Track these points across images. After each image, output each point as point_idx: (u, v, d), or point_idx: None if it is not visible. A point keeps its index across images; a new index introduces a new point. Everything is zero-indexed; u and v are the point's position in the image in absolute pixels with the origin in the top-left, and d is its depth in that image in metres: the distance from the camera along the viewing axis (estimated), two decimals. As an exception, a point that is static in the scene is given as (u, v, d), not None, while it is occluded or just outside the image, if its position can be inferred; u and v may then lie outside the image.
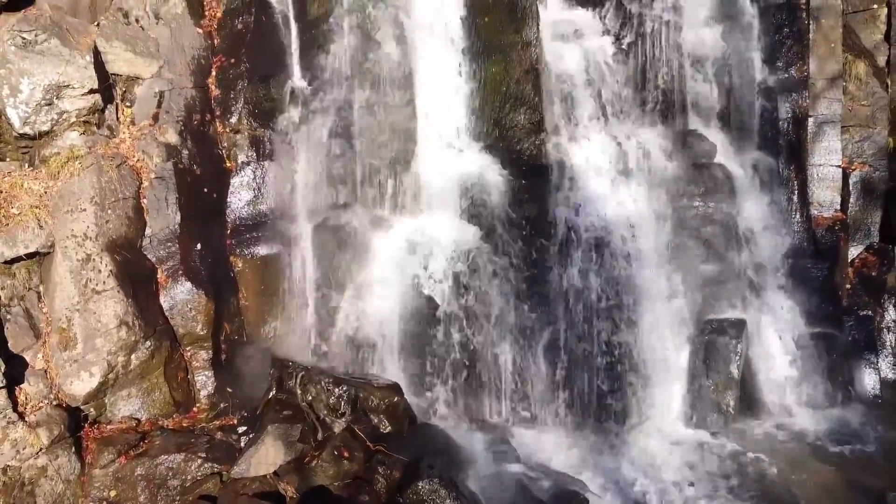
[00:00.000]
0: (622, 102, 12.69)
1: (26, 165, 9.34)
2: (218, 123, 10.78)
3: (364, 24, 11.76)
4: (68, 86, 9.32)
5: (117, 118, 10.06)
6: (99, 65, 9.82)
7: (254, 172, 10.83)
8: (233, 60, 11.05)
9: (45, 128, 9.30)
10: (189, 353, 9.67)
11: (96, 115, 9.71)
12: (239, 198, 10.71)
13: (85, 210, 9.03)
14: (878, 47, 13.64)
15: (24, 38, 9.07)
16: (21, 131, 9.16)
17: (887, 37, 13.64)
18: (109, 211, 9.22)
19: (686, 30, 13.25)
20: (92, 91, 9.53)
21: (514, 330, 11.16)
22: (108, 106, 9.97)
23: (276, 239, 10.74)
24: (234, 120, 10.86)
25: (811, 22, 13.39)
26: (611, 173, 12.16)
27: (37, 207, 8.86)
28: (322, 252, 11.00)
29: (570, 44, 12.74)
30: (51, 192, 9.02)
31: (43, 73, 9.18)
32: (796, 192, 13.14)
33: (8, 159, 9.28)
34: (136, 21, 10.61)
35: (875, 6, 13.60)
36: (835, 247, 13.07)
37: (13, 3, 9.29)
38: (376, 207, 11.45)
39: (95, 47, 9.97)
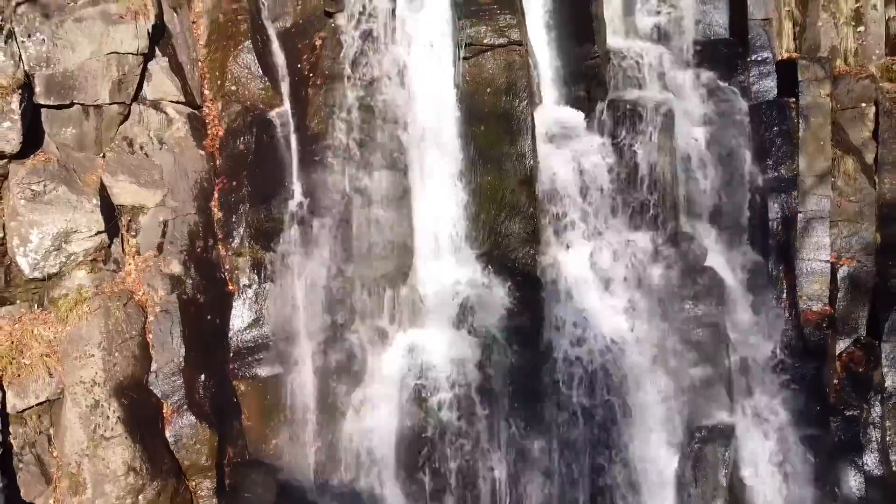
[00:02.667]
0: (614, 207, 12.97)
1: (36, 306, 9.69)
2: (220, 247, 11.11)
3: (363, 140, 11.94)
4: (76, 231, 9.69)
5: (123, 250, 10.40)
6: (105, 200, 10.16)
7: (255, 295, 11.16)
8: (234, 183, 11.37)
9: (53, 270, 9.65)
10: (194, 484, 10.05)
11: (103, 251, 10.08)
12: (241, 321, 11.05)
13: (93, 356, 9.39)
14: (866, 145, 13.97)
15: (33, 191, 9.41)
16: (31, 276, 9.53)
17: (875, 135, 13.94)
18: (117, 353, 9.57)
19: (678, 129, 13.47)
20: (99, 232, 9.80)
21: (508, 444, 11.48)
22: (114, 239, 10.28)
23: (278, 360, 11.08)
24: (236, 243, 11.19)
25: (801, 121, 13.72)
26: (603, 282, 12.43)
27: (47, 356, 9.21)
28: (322, 371, 11.34)
29: (563, 149, 12.98)
30: (60, 337, 9.37)
31: (52, 222, 9.52)
32: (785, 291, 13.48)
33: (18, 301, 9.60)
34: (141, 148, 10.92)
35: (863, 105, 13.92)
36: (823, 344, 13.42)
37: (23, 151, 9.54)
38: (375, 323, 11.72)
39: (102, 183, 10.27)
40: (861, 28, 14.49)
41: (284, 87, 12.44)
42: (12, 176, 9.45)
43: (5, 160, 9.48)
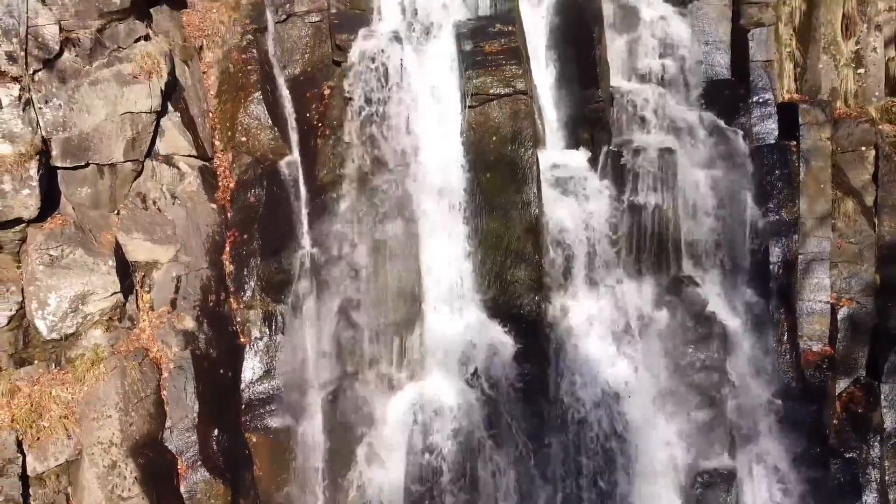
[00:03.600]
0: (618, 253, 13.20)
1: (53, 365, 9.94)
2: (232, 300, 11.35)
3: (371, 189, 12.19)
4: (92, 293, 9.93)
5: (137, 306, 10.64)
6: (120, 259, 10.40)
7: (266, 347, 11.41)
8: (245, 236, 11.60)
9: (70, 331, 9.89)
10: (208, 536, 10.30)
11: (118, 309, 10.32)
12: (252, 373, 11.31)
13: (110, 416, 9.65)
14: (866, 187, 14.20)
15: (51, 256, 9.65)
16: (49, 338, 9.78)
17: (875, 178, 14.16)
18: (133, 413, 9.82)
19: (681, 173, 13.70)
20: (114, 293, 10.05)
21: (515, 490, 11.74)
22: (129, 296, 10.52)
23: (288, 411, 11.35)
24: (247, 296, 11.43)
25: (801, 164, 13.94)
26: (607, 329, 12.67)
27: (65, 417, 9.46)
28: (331, 420, 11.59)
29: (567, 195, 13.20)
30: (77, 398, 9.62)
31: (69, 286, 9.77)
32: (786, 334, 13.70)
33: (36, 361, 9.85)
34: (154, 203, 11.16)
35: (863, 148, 14.15)
36: (823, 386, 13.68)
37: (41, 213, 9.79)
38: (383, 371, 11.96)
39: (116, 241, 10.51)
40: (861, 70, 14.71)
41: (293, 136, 12.65)
42: (31, 241, 9.67)
43: (24, 224, 9.63)
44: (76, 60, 10.01)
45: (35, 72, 9.66)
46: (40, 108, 9.68)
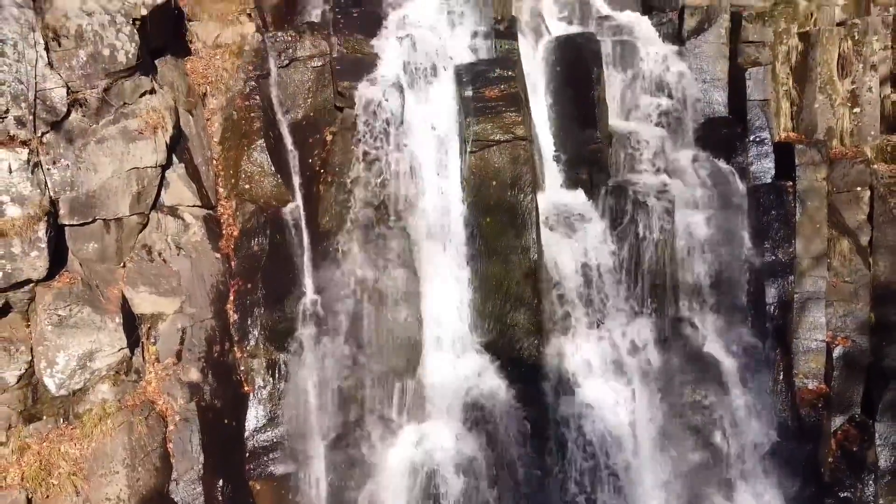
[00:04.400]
0: (617, 294, 13.42)
1: (61, 420, 10.16)
2: (236, 349, 11.57)
3: (373, 235, 12.41)
4: (100, 350, 10.14)
5: (143, 358, 10.85)
6: (126, 313, 10.64)
7: (270, 395, 11.64)
8: (249, 286, 11.82)
9: (78, 387, 10.12)
10: (213, 586, 10.52)
11: (125, 363, 10.52)
12: (256, 422, 11.53)
13: (117, 472, 9.87)
14: (861, 227, 14.42)
15: (59, 316, 9.87)
16: (57, 395, 9.98)
17: (870, 218, 14.37)
18: (140, 468, 10.05)
19: (678, 213, 13.92)
20: (121, 349, 10.27)
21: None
22: (135, 349, 10.74)
23: (291, 458, 11.59)
24: (251, 345, 11.65)
25: (797, 204, 14.14)
26: (605, 371, 12.89)
27: (74, 474, 9.68)
28: (333, 467, 11.83)
29: (566, 237, 13.43)
30: (85, 454, 9.84)
31: (77, 345, 9.98)
32: (782, 373, 13.92)
33: (45, 417, 10.07)
34: (159, 255, 11.37)
35: (859, 189, 14.36)
36: (818, 425, 13.91)
37: (49, 271, 10.00)
38: (384, 416, 12.18)
39: (123, 296, 10.72)
40: (857, 109, 14.92)
41: (296, 181, 12.84)
42: (39, 300, 9.87)
43: (32, 284, 9.85)
44: (83, 120, 10.18)
45: (43, 134, 9.84)
46: (48, 169, 9.86)
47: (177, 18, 12.26)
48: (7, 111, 9.44)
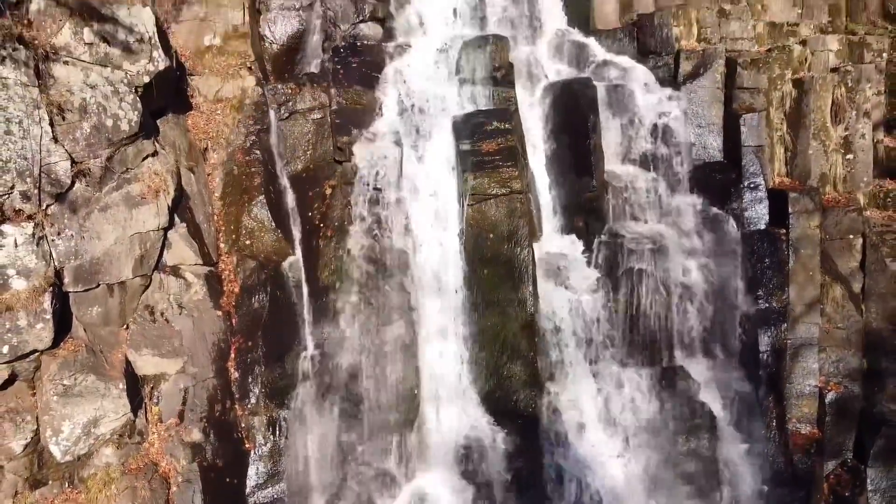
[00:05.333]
0: (612, 345, 13.65)
1: (66, 484, 10.41)
2: (237, 407, 11.81)
3: (372, 291, 12.64)
4: (104, 416, 10.36)
5: (146, 419, 11.09)
6: (130, 376, 10.87)
7: (271, 452, 11.89)
8: (250, 343, 12.05)
9: (82, 452, 10.36)
10: None
11: (128, 426, 10.74)
12: (257, 479, 11.78)
13: (122, 540, 10.09)
14: (853, 274, 14.62)
15: (64, 385, 10.11)
16: (62, 461, 10.21)
17: (862, 265, 14.58)
18: (143, 532, 10.27)
19: (673, 261, 14.13)
20: (125, 414, 10.50)
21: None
22: (139, 411, 10.97)
23: (293, 514, 11.78)
24: (252, 403, 11.89)
25: (791, 252, 14.34)
26: (600, 422, 13.13)
27: (79, 544, 9.91)
28: (335, 521, 12.03)
29: (562, 287, 13.66)
30: (90, 521, 10.07)
31: (82, 413, 10.22)
32: (775, 420, 14.14)
33: (50, 482, 10.31)
34: (161, 315, 11.59)
35: (851, 236, 14.56)
36: (811, 471, 14.12)
37: (55, 340, 10.23)
38: (383, 468, 12.44)
39: (126, 359, 10.96)
40: (850, 156, 15.13)
41: (296, 235, 13.07)
42: (45, 370, 10.11)
43: (38, 353, 10.08)
44: (87, 189, 10.39)
45: (48, 206, 10.05)
46: (53, 240, 10.07)
47: (178, 76, 12.38)
48: (13, 187, 9.65)
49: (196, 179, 12.33)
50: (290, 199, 13.10)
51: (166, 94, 11.80)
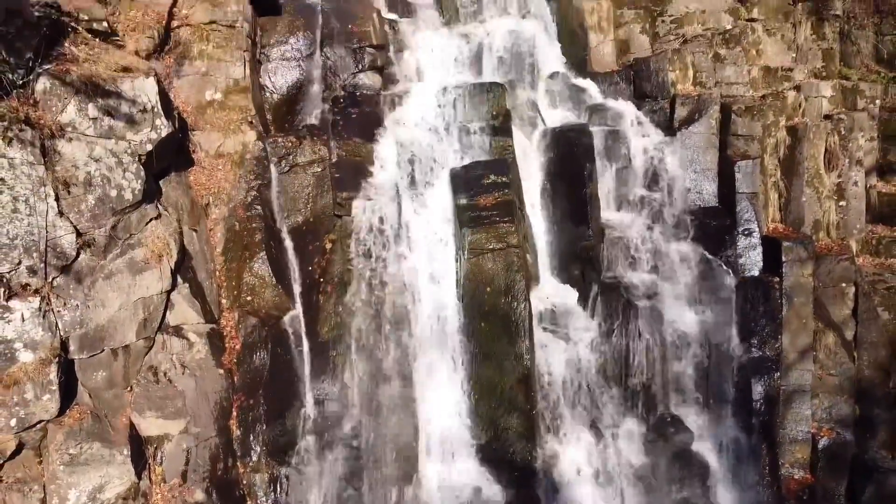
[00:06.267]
0: (607, 395, 13.91)
1: (72, 550, 10.64)
2: (239, 464, 12.07)
3: (370, 346, 12.91)
4: (109, 482, 10.61)
5: (150, 479, 11.35)
6: (134, 438, 11.12)
7: (272, 512, 12.11)
8: (251, 401, 12.31)
9: (87, 518, 10.57)
10: None
11: (132, 489, 10.99)
12: (260, 539, 11.99)
13: None
14: (846, 322, 14.88)
15: (70, 455, 10.36)
16: (68, 529, 10.45)
17: (854, 313, 14.82)
18: None
19: (668, 310, 14.39)
20: (129, 478, 10.76)
21: None
22: (143, 473, 11.23)
23: (293, 570, 12.04)
24: (253, 460, 12.15)
25: (784, 300, 14.59)
26: (595, 473, 13.40)
27: None
28: (335, 577, 12.31)
29: (558, 338, 13.91)
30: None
31: (88, 480, 10.49)
32: (768, 468, 14.40)
33: (56, 550, 10.56)
34: (165, 375, 11.85)
35: (844, 285, 14.80)
36: (804, 517, 14.35)
37: (61, 408, 10.50)
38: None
39: (131, 422, 11.21)
40: (843, 203, 15.35)
41: (296, 290, 13.31)
42: (51, 439, 10.36)
43: (44, 422, 10.34)
44: (91, 259, 10.62)
45: (54, 279, 10.27)
46: (59, 311, 10.31)
47: (181, 136, 12.58)
48: (20, 263, 9.89)
49: (198, 237, 12.55)
50: (291, 252, 13.28)
51: (169, 155, 12.01)
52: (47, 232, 9.92)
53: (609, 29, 17.03)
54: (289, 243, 13.40)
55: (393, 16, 16.12)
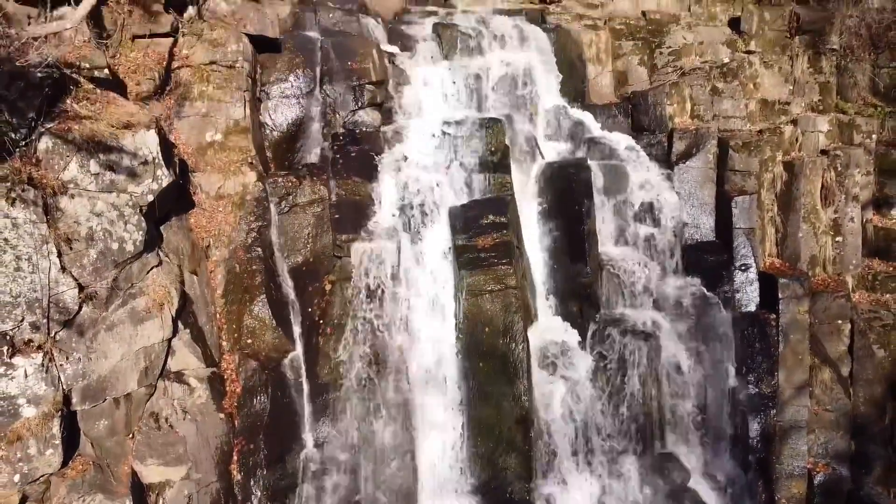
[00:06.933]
0: (604, 433, 14.06)
1: None
2: (241, 510, 12.19)
3: (370, 389, 13.06)
4: (112, 535, 10.71)
5: (152, 527, 11.47)
6: (136, 486, 11.26)
7: (274, 562, 12.25)
8: (252, 446, 12.45)
9: (90, 568, 10.70)
10: None
11: (135, 543, 11.11)
12: (264, 592, 12.14)
13: None
14: (841, 358, 15.01)
15: (73, 508, 10.48)
16: (71, 577, 10.59)
17: (850, 350, 14.96)
18: None
19: (665, 347, 14.53)
20: (131, 528, 10.90)
21: None
22: (145, 521, 11.36)
23: None
24: (254, 504, 12.26)
25: (780, 337, 14.72)
26: (593, 517, 13.54)
27: None
28: None
29: (556, 377, 14.05)
30: None
31: (90, 534, 10.57)
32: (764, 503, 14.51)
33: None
34: (166, 421, 11.98)
35: (839, 322, 14.93)
36: (799, 554, 14.50)
37: (64, 461, 10.63)
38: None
39: (133, 470, 11.35)
40: (839, 238, 15.46)
41: (296, 331, 13.44)
42: (54, 492, 10.51)
43: (47, 475, 10.48)
44: (93, 311, 10.74)
45: (56, 333, 10.39)
46: (61, 364, 10.44)
47: (181, 181, 12.70)
48: (23, 320, 10.02)
49: (199, 281, 12.67)
50: (291, 293, 13.40)
51: (170, 202, 12.12)
52: (50, 288, 9.99)
53: (607, 60, 17.14)
54: (289, 284, 13.47)
55: (393, 48, 16.20)
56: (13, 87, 9.45)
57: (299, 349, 13.16)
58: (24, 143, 9.77)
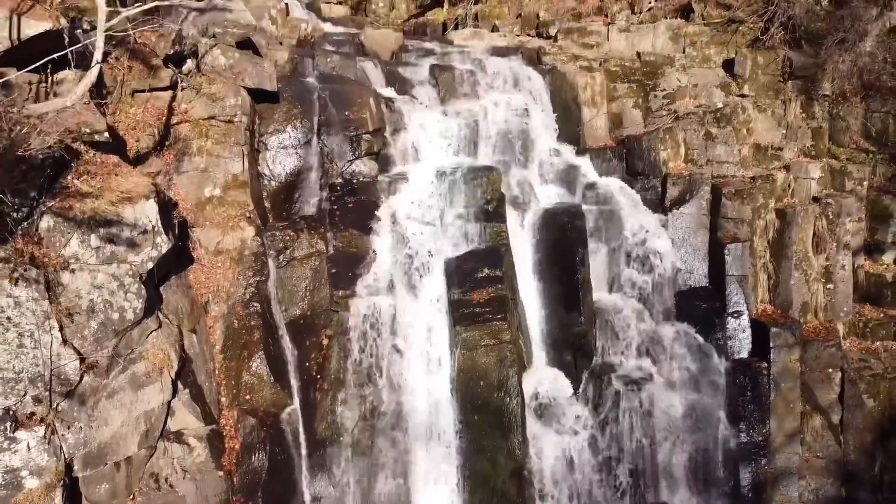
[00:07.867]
0: (597, 482, 14.33)
1: None
2: (240, 572, 12.42)
3: (366, 445, 13.31)
4: None
5: (153, 584, 11.70)
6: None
7: None
8: (250, 503, 12.67)
9: None
10: None
11: None
12: None
13: None
14: (832, 406, 15.24)
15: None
16: None
17: (841, 398, 15.19)
18: None
19: (658, 396, 14.77)
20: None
21: None
22: (146, 580, 11.59)
23: None
24: (253, 572, 12.50)
25: (772, 385, 14.96)
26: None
27: None
28: None
29: (549, 427, 14.28)
30: None
31: None
32: (757, 555, 14.77)
33: None
34: (166, 481, 12.21)
35: (830, 370, 15.16)
36: None
37: None
38: None
39: (133, 531, 11.57)
40: (831, 285, 15.67)
41: (294, 385, 13.67)
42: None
43: (50, 543, 10.70)
44: (94, 380, 10.95)
45: (58, 404, 10.60)
46: (63, 434, 10.65)
47: (180, 243, 12.88)
48: (25, 394, 10.24)
49: (198, 338, 12.88)
50: (289, 346, 13.63)
51: (169, 264, 12.30)
52: (52, 361, 10.20)
53: (602, 103, 17.31)
54: (287, 338, 13.67)
55: (390, 92, 16.36)
56: (17, 168, 9.64)
57: (297, 403, 13.40)
58: (26, 222, 9.94)
